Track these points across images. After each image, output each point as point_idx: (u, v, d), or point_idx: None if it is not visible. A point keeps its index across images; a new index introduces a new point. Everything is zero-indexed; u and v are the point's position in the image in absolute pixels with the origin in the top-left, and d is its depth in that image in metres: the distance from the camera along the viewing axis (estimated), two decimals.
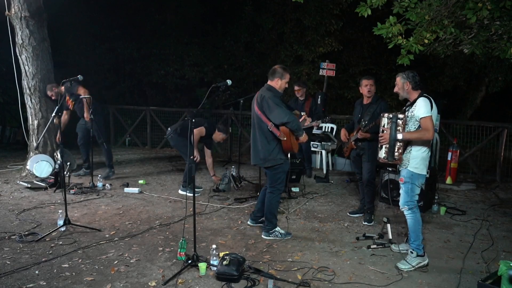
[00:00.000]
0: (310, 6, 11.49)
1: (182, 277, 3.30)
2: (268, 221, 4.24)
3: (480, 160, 7.59)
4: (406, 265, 3.52)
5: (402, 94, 3.66)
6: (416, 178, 3.57)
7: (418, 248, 3.58)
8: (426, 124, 3.43)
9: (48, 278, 3.24)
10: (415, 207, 3.60)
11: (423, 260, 3.57)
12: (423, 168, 3.57)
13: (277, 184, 4.19)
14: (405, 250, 3.86)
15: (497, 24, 4.40)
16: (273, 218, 4.24)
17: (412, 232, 3.62)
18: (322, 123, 6.97)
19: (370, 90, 4.56)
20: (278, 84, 4.09)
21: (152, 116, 9.98)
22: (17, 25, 6.40)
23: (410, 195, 3.59)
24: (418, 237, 3.59)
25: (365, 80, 4.59)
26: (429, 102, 3.46)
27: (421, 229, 3.62)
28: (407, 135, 3.47)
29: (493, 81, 11.74)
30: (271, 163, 4.11)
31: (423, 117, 3.44)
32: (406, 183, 3.59)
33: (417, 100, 3.51)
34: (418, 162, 3.55)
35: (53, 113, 4.38)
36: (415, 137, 3.49)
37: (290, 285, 3.21)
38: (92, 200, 5.47)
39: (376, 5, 4.56)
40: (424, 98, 3.49)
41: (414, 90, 3.58)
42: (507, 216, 5.15)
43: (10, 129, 10.42)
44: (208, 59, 13.68)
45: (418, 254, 3.56)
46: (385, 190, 5.53)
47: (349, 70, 13.35)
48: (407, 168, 3.57)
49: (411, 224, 3.61)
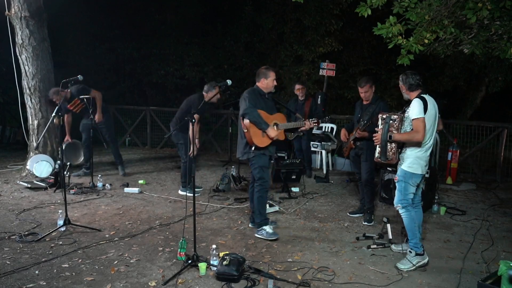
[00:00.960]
0: (310, 6, 11.48)
1: (182, 277, 3.30)
2: (256, 217, 4.31)
3: (480, 160, 7.59)
4: (406, 264, 3.53)
5: (404, 96, 3.72)
6: (409, 177, 3.57)
7: (416, 246, 3.58)
8: (417, 126, 3.44)
9: (48, 278, 3.24)
10: (409, 205, 3.60)
11: (423, 259, 3.58)
12: (417, 167, 3.56)
13: (258, 179, 4.26)
14: (406, 250, 3.85)
15: (497, 24, 4.39)
16: (257, 215, 4.28)
17: (409, 231, 3.63)
18: (322, 123, 6.98)
19: (365, 96, 4.65)
20: (264, 83, 4.24)
21: (152, 116, 9.98)
22: (17, 25, 6.41)
23: (403, 194, 3.60)
24: (415, 236, 3.59)
25: (359, 88, 4.66)
26: (423, 104, 3.45)
27: (417, 227, 3.61)
28: (397, 136, 3.51)
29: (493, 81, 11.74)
30: (245, 156, 4.28)
31: (414, 118, 3.45)
32: (399, 182, 3.62)
33: (412, 101, 3.53)
34: (412, 161, 3.55)
35: (53, 113, 4.38)
36: (404, 139, 3.52)
37: (290, 285, 3.21)
38: (92, 200, 5.47)
39: (376, 5, 4.56)
40: (418, 99, 3.49)
41: (411, 91, 3.61)
42: (507, 216, 5.15)
43: (10, 129, 10.42)
44: (208, 59, 13.67)
45: (417, 253, 3.56)
46: (385, 190, 5.53)
47: (349, 70, 13.35)
48: (401, 167, 3.61)
49: (407, 223, 3.62)
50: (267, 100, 4.32)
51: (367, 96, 4.63)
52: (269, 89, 4.26)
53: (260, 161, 4.23)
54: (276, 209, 5.18)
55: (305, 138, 6.84)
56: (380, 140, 3.58)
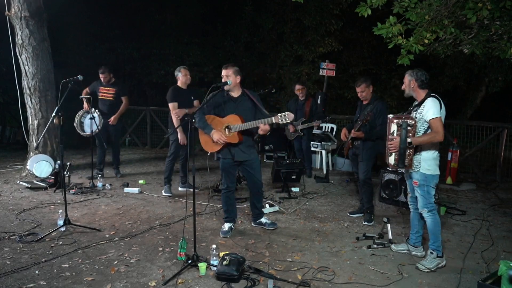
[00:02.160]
0: (310, 6, 11.48)
1: (182, 277, 3.30)
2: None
3: (480, 160, 7.58)
4: (429, 264, 3.49)
5: (408, 92, 3.60)
6: (430, 180, 3.50)
7: (438, 249, 3.55)
8: (436, 126, 3.34)
9: (48, 278, 3.24)
10: (434, 209, 3.53)
11: (442, 261, 3.56)
12: (435, 168, 3.51)
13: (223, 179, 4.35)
14: (404, 251, 3.86)
15: (497, 24, 4.40)
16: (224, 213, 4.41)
17: (432, 234, 3.56)
18: (322, 123, 6.98)
19: (362, 96, 4.66)
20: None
21: (152, 116, 9.99)
22: (17, 25, 6.41)
23: (427, 198, 3.52)
24: (437, 239, 3.55)
25: (356, 87, 4.69)
26: (438, 103, 3.39)
27: (440, 230, 3.57)
28: (417, 140, 3.37)
29: (493, 81, 11.73)
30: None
31: (432, 118, 3.35)
32: (421, 186, 3.51)
33: (426, 100, 3.44)
34: (430, 163, 3.48)
35: (53, 113, 4.38)
36: (425, 141, 3.39)
37: (290, 285, 3.21)
38: (92, 200, 5.47)
39: (376, 5, 4.56)
40: (433, 98, 3.41)
41: (421, 89, 3.52)
42: (507, 216, 5.15)
43: (10, 129, 10.43)
44: (208, 59, 13.67)
45: (438, 255, 3.54)
46: (385, 190, 5.53)
47: (349, 70, 13.34)
48: (420, 170, 3.50)
49: (431, 227, 3.54)
50: (233, 101, 4.13)
51: (364, 96, 4.65)
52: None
53: (221, 165, 4.28)
54: (276, 209, 5.18)
55: (305, 138, 6.85)
56: (397, 147, 3.39)
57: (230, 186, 4.34)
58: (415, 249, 3.83)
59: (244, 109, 4.13)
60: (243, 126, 3.99)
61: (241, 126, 3.99)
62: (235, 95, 4.17)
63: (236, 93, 4.17)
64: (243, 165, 4.28)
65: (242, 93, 4.18)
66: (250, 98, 4.17)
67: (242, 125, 3.99)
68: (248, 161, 4.23)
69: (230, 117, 4.07)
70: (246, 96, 4.17)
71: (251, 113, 4.14)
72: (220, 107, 4.15)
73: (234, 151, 4.14)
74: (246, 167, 4.28)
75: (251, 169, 4.28)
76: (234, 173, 4.38)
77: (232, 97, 4.16)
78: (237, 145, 4.11)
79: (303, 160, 6.50)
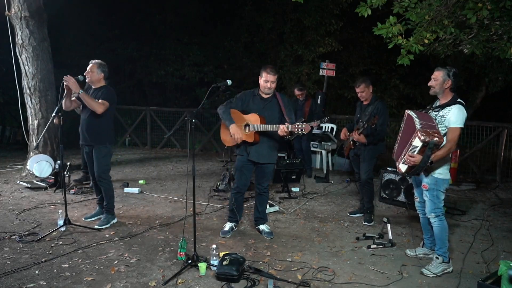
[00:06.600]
0: (310, 6, 11.49)
1: (182, 277, 3.30)
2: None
3: (480, 160, 7.59)
4: (435, 270, 3.44)
5: (437, 90, 3.39)
6: (441, 184, 3.41)
7: (444, 255, 3.48)
8: (454, 136, 3.25)
9: (48, 278, 3.24)
10: (442, 214, 3.45)
11: (448, 267, 3.49)
12: (446, 172, 3.43)
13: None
14: (422, 255, 3.78)
15: (497, 24, 4.40)
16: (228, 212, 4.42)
17: (439, 239, 3.50)
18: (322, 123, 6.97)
19: (361, 96, 4.65)
20: (260, 82, 4.13)
21: (152, 116, 9.99)
22: (17, 25, 6.41)
23: (436, 202, 3.42)
24: (444, 244, 3.48)
25: (355, 88, 4.67)
26: (465, 113, 3.27)
27: (447, 236, 3.51)
28: (436, 157, 3.22)
29: (493, 81, 11.72)
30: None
31: (454, 127, 3.24)
32: (430, 190, 3.42)
33: (453, 106, 3.28)
34: (442, 168, 3.41)
35: (53, 113, 4.38)
36: (444, 155, 3.27)
37: (290, 285, 3.21)
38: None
39: (376, 5, 4.56)
40: (461, 106, 3.26)
41: (451, 92, 3.37)
42: (507, 216, 5.15)
43: (10, 129, 10.43)
44: (208, 59, 13.68)
45: (444, 260, 3.48)
46: (385, 190, 5.54)
47: (349, 70, 13.35)
48: (433, 175, 3.41)
49: (438, 232, 3.48)
50: (261, 101, 4.12)
51: (364, 96, 4.63)
52: (262, 87, 4.06)
53: (237, 163, 4.26)
54: (276, 209, 5.18)
55: (305, 138, 6.84)
56: (417, 163, 3.23)
57: (241, 187, 4.29)
58: (434, 252, 3.68)
59: (270, 111, 4.10)
60: (260, 127, 3.97)
61: (259, 126, 3.98)
62: (265, 96, 4.15)
63: (267, 94, 4.16)
64: (257, 167, 4.23)
65: (272, 95, 4.16)
66: (278, 102, 4.14)
67: (259, 125, 3.97)
68: (263, 164, 4.18)
69: (252, 115, 4.06)
70: (276, 99, 4.15)
71: (277, 116, 4.10)
72: (247, 104, 4.16)
73: (250, 150, 4.13)
74: (258, 169, 4.26)
75: (261, 172, 4.24)
76: (247, 175, 4.24)
77: (262, 96, 4.15)
78: (252, 144, 4.09)
79: (303, 160, 6.50)
